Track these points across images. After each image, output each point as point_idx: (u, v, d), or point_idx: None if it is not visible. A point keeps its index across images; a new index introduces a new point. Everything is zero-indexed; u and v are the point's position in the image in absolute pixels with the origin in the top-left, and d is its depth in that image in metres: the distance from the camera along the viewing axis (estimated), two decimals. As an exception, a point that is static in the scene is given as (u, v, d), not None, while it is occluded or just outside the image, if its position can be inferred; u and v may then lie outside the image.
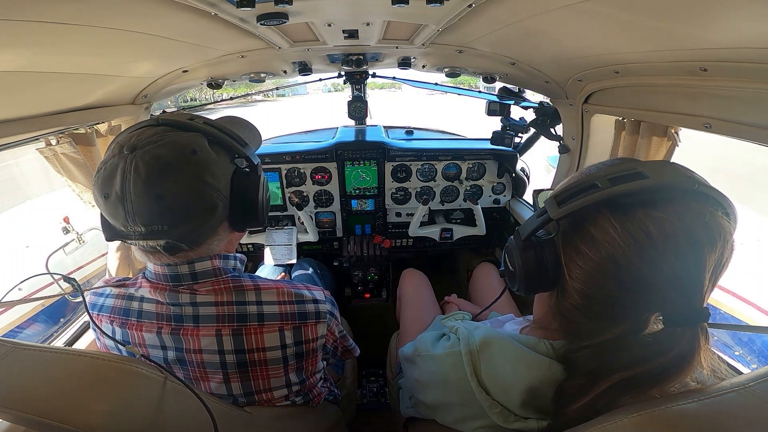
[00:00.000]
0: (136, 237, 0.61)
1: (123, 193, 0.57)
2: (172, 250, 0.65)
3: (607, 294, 0.52)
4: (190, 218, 0.62)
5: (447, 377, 0.69)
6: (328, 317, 0.81)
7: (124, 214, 0.58)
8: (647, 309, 0.50)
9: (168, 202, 0.58)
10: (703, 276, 0.47)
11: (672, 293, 0.48)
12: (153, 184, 0.57)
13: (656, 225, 0.47)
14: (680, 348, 0.48)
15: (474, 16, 0.88)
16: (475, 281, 1.62)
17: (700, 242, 0.47)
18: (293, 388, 0.80)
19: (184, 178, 0.60)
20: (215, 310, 0.70)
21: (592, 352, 0.54)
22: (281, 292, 0.75)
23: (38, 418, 0.44)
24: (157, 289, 0.70)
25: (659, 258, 0.47)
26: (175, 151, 0.60)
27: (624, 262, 0.49)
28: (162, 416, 0.54)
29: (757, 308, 2.46)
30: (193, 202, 0.62)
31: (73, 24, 0.67)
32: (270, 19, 0.83)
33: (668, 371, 0.48)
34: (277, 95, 30.25)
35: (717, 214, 0.48)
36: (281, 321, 0.73)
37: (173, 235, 0.62)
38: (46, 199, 4.41)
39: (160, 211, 0.58)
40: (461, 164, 1.97)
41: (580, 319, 0.56)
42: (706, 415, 0.43)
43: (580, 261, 0.53)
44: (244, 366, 0.72)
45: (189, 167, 0.60)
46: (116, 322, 0.73)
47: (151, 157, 0.58)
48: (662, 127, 1.04)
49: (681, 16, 0.64)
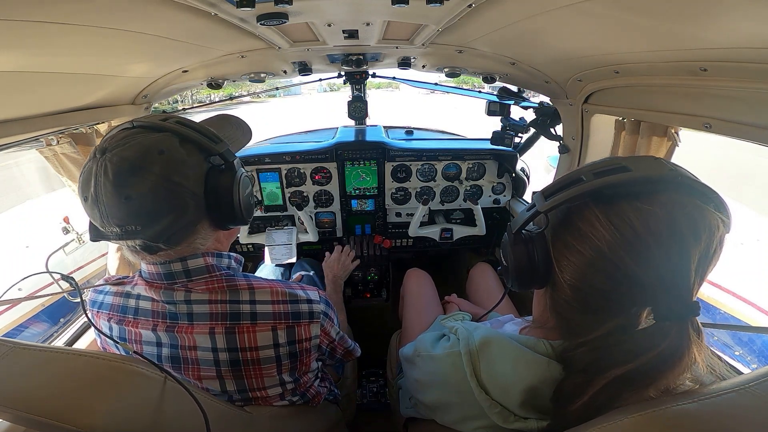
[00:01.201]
0: (114, 237, 0.63)
1: (96, 195, 0.59)
2: (150, 250, 0.66)
3: (597, 287, 0.53)
4: (161, 218, 0.62)
5: (447, 377, 0.69)
6: (322, 317, 0.81)
7: (99, 216, 0.61)
8: (636, 303, 0.51)
9: (136, 202, 0.59)
10: (689, 268, 0.47)
11: (658, 286, 0.48)
12: (120, 186, 0.58)
13: (639, 216, 0.48)
14: (669, 342, 0.48)
15: (474, 16, 0.88)
16: (471, 281, 1.62)
17: (682, 233, 0.47)
18: (287, 387, 0.80)
19: (151, 178, 0.60)
20: (209, 308, 0.71)
21: (588, 349, 0.54)
22: (275, 292, 0.75)
23: (38, 418, 0.44)
24: (152, 287, 0.71)
25: (643, 249, 0.48)
26: (141, 152, 0.60)
27: (610, 254, 0.50)
28: (162, 416, 0.54)
29: (757, 308, 2.46)
30: (162, 201, 0.62)
31: (73, 24, 0.67)
32: (270, 19, 0.83)
33: (659, 367, 0.48)
34: (268, 95, 27.73)
35: (702, 205, 0.48)
36: (274, 320, 0.74)
37: (147, 234, 0.62)
38: (45, 199, 4.41)
39: (129, 211, 0.59)
40: (461, 164, 1.97)
41: (573, 315, 0.57)
42: (706, 415, 0.43)
43: (569, 254, 0.55)
44: (237, 364, 0.73)
45: (155, 167, 0.60)
46: (114, 319, 0.75)
47: (118, 159, 0.59)
48: (662, 127, 1.04)
49: (681, 16, 0.64)
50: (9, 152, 1.04)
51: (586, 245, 0.52)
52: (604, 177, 0.51)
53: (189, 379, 0.74)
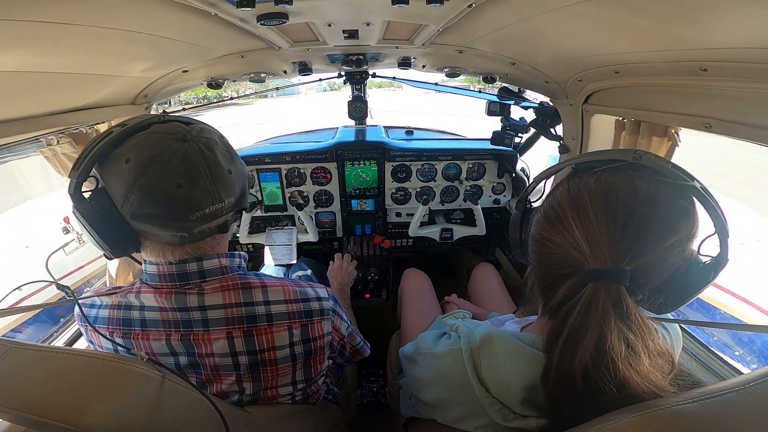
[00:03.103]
0: (218, 214, 0.66)
1: (208, 171, 0.63)
2: (223, 228, 0.71)
3: (547, 237, 0.59)
4: (235, 191, 0.69)
5: (447, 375, 0.69)
6: (332, 314, 0.82)
7: (209, 192, 0.63)
8: (573, 262, 0.54)
9: (234, 174, 0.68)
10: (619, 234, 0.51)
11: (589, 245, 0.52)
12: (226, 161, 0.67)
13: (589, 184, 0.56)
14: (584, 304, 0.51)
15: (474, 16, 0.88)
16: (474, 281, 1.62)
17: (617, 201, 0.52)
18: (298, 386, 0.81)
19: (227, 157, 0.69)
20: (224, 313, 0.70)
21: (554, 328, 0.56)
22: (287, 291, 0.76)
23: (38, 418, 0.44)
24: (161, 293, 0.68)
25: (581, 206, 0.54)
26: (213, 138, 0.68)
27: (558, 207, 0.58)
28: (161, 416, 0.54)
29: (757, 308, 2.46)
30: (235, 173, 0.70)
31: (73, 24, 0.67)
32: (270, 19, 0.83)
33: (588, 328, 0.50)
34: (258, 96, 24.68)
35: (654, 182, 0.52)
36: (289, 320, 0.74)
37: (234, 204, 0.69)
38: (45, 199, 4.41)
39: (229, 184, 0.67)
40: (461, 164, 1.97)
41: (540, 293, 0.63)
42: (706, 415, 0.43)
43: (536, 213, 0.64)
44: (256, 366, 0.73)
45: (221, 147, 0.68)
46: (116, 334, 0.71)
47: (207, 140, 0.65)
48: (662, 127, 1.04)
49: (681, 17, 0.64)
50: (9, 154, 1.04)
51: (546, 201, 0.63)
52: (583, 160, 0.61)
53: (205, 384, 0.74)
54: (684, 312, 0.58)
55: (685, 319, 0.84)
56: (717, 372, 0.98)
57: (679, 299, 0.57)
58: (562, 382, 0.53)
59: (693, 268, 0.54)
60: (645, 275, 0.52)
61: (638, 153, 0.55)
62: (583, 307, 0.51)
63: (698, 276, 0.54)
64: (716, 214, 0.53)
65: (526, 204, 0.75)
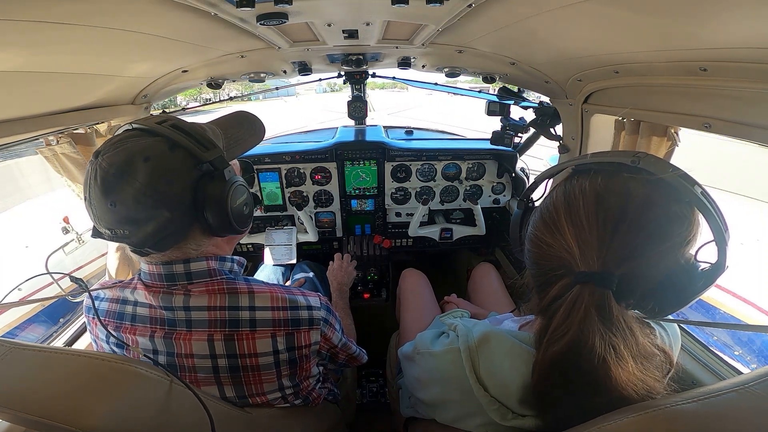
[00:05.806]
0: (107, 238, 0.64)
1: (89, 197, 0.60)
2: (141, 253, 0.66)
3: (540, 238, 0.59)
4: (145, 225, 0.61)
5: (446, 374, 0.69)
6: (323, 324, 0.81)
7: (93, 217, 0.62)
8: (564, 266, 0.55)
9: (121, 209, 0.59)
10: (609, 238, 0.51)
11: (579, 247, 0.53)
12: (106, 192, 0.58)
13: (584, 187, 0.56)
14: (572, 302, 0.51)
15: (474, 16, 0.88)
16: (474, 282, 1.62)
17: (608, 205, 0.52)
18: (287, 392, 0.80)
19: (135, 185, 0.58)
20: (207, 315, 0.70)
21: (543, 326, 0.57)
22: (275, 297, 0.74)
23: (38, 419, 0.44)
24: (151, 291, 0.70)
25: (573, 208, 0.55)
26: (127, 159, 0.59)
27: (553, 208, 0.59)
28: (161, 416, 0.54)
29: (757, 308, 2.46)
30: (145, 210, 0.60)
31: (73, 24, 0.67)
32: (270, 19, 0.83)
33: (568, 329, 0.51)
34: (247, 98, 18.74)
35: (650, 186, 0.52)
36: (273, 327, 0.73)
37: (133, 240, 0.62)
38: (45, 199, 4.41)
39: (114, 217, 0.60)
40: (461, 164, 1.97)
41: (535, 292, 0.63)
42: (706, 415, 0.43)
43: (534, 213, 0.65)
44: (237, 370, 0.72)
45: (139, 175, 0.58)
46: (110, 326, 0.74)
47: (107, 164, 0.58)
48: (662, 127, 1.04)
49: (681, 16, 0.64)
50: (9, 154, 1.04)
51: (543, 202, 0.63)
52: (579, 162, 0.61)
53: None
54: (684, 312, 0.57)
55: (684, 318, 0.84)
56: (716, 372, 0.98)
57: (673, 304, 0.55)
58: (546, 380, 0.54)
59: (689, 274, 0.52)
60: (635, 279, 0.51)
61: (638, 156, 0.54)
62: (567, 307, 0.51)
63: (694, 282, 0.52)
64: (715, 220, 0.51)
65: (527, 203, 0.76)
